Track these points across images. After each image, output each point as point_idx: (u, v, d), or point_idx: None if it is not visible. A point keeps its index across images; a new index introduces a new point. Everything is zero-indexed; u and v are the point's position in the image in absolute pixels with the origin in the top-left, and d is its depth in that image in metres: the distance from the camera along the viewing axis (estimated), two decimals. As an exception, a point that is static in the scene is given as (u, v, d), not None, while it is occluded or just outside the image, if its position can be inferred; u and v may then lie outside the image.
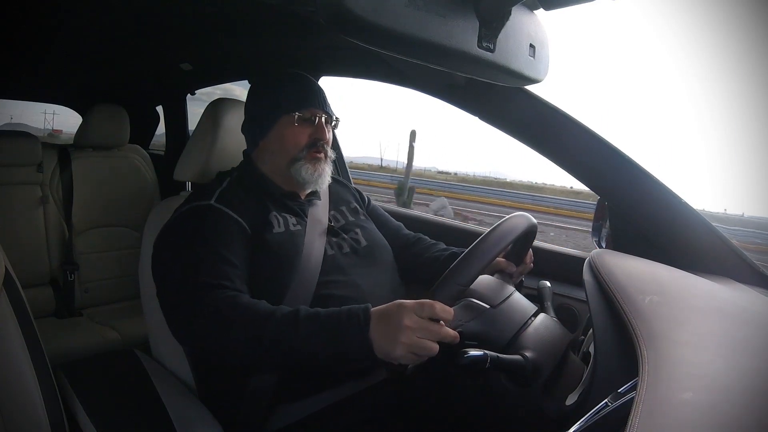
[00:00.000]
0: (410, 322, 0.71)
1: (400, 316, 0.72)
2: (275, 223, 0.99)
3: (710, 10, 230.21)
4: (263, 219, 0.99)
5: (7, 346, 0.77)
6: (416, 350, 0.71)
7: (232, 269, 0.88)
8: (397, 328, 0.71)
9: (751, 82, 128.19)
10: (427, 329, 0.71)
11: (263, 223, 0.98)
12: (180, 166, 1.22)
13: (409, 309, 0.72)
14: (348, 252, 1.04)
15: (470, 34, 0.67)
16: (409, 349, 0.71)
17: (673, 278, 0.84)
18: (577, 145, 1.04)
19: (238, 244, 0.93)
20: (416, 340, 0.71)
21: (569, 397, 0.75)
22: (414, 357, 0.72)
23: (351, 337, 0.74)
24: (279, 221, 1.00)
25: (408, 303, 0.73)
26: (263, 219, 0.99)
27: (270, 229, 0.98)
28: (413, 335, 0.71)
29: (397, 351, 0.71)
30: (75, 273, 1.95)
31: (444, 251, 1.17)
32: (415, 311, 0.72)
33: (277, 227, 0.99)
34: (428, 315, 0.72)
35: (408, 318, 0.71)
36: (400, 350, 0.71)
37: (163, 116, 2.39)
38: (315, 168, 1.04)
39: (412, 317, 0.71)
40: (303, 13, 0.99)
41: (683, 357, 0.54)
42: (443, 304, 0.73)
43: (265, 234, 0.96)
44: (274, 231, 0.98)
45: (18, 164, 1.87)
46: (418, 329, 0.71)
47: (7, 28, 1.33)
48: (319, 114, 1.05)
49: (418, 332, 0.71)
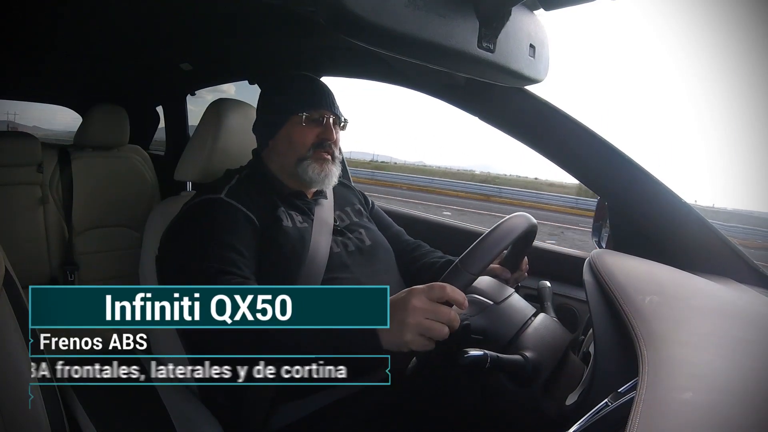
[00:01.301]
0: (419, 303, 0.70)
1: (409, 298, 0.71)
2: (284, 218, 1.01)
3: (710, 10, 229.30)
4: (272, 214, 1.01)
5: (7, 346, 0.77)
6: (425, 332, 0.70)
7: (240, 258, 0.89)
8: (405, 311, 0.70)
9: (751, 82, 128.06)
10: (437, 311, 0.70)
11: (272, 218, 1.00)
12: (181, 166, 1.22)
13: (419, 291, 0.71)
14: (353, 250, 1.05)
15: (470, 34, 0.67)
16: (418, 331, 0.70)
17: (673, 278, 0.84)
18: (577, 145, 1.05)
19: (247, 235, 0.95)
20: (425, 322, 0.70)
21: (569, 397, 0.75)
22: (423, 341, 0.70)
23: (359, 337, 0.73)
24: (287, 217, 1.02)
25: (418, 286, 0.72)
26: (272, 214, 1.01)
27: (279, 224, 0.99)
28: (422, 317, 0.70)
29: (406, 335, 0.70)
30: (75, 273, 1.95)
31: (440, 258, 1.18)
32: (425, 293, 0.71)
33: (286, 222, 1.01)
34: (438, 297, 0.71)
35: (417, 299, 0.70)
36: (409, 334, 0.70)
37: (163, 116, 2.39)
38: (321, 168, 1.06)
39: (422, 298, 0.71)
40: (303, 13, 0.99)
41: (683, 357, 0.54)
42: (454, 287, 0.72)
43: (275, 228, 0.98)
44: (283, 225, 1.00)
45: (18, 164, 1.87)
46: (428, 311, 0.70)
47: (7, 28, 1.33)
48: (327, 115, 1.07)
49: (427, 314, 0.70)
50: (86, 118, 1.99)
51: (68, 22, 1.35)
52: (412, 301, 0.70)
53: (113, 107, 2.01)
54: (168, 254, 0.96)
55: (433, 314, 0.70)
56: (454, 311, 0.71)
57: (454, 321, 0.71)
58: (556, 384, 0.79)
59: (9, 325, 0.78)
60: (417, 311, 0.70)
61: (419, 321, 0.70)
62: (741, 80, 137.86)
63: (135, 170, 2.10)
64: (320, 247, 1.00)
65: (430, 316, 0.70)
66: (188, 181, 1.23)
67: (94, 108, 1.98)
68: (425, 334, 0.70)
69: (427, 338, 0.70)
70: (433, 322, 0.70)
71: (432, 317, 0.70)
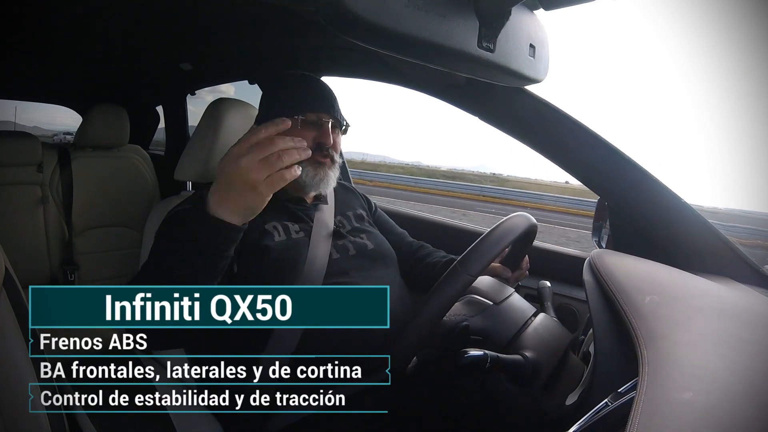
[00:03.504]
0: (236, 150, 0.69)
1: (227, 158, 0.70)
2: (275, 233, 0.99)
3: (710, 10, 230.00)
4: (259, 229, 0.98)
5: (7, 346, 0.77)
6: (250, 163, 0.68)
7: None
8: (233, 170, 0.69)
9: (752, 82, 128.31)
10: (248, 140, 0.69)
11: (259, 232, 0.98)
12: (181, 165, 1.22)
13: (232, 148, 0.71)
14: (354, 254, 1.04)
15: (470, 34, 0.67)
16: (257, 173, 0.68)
17: (673, 278, 0.84)
18: (577, 145, 1.04)
19: None
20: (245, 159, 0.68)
21: (569, 397, 0.75)
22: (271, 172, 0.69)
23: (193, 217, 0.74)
24: (279, 230, 1.00)
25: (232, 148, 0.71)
26: (259, 229, 0.98)
27: (271, 239, 0.98)
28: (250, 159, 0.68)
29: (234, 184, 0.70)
30: (75, 273, 1.95)
31: (442, 257, 1.17)
32: (238, 145, 0.70)
33: (277, 236, 0.99)
34: (252, 141, 0.69)
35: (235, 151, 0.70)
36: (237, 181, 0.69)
37: (163, 116, 2.39)
38: (316, 172, 1.03)
39: (236, 148, 0.70)
40: (303, 13, 0.99)
41: (683, 357, 0.54)
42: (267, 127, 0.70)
43: (264, 242, 0.97)
44: (275, 240, 0.98)
45: (18, 164, 1.87)
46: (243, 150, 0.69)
47: (7, 27, 1.33)
48: (325, 118, 1.04)
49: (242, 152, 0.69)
50: (86, 118, 1.99)
51: (68, 22, 1.35)
52: (232, 154, 0.69)
53: (113, 107, 2.01)
54: None
55: (248, 149, 0.69)
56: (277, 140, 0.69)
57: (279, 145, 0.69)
58: (556, 384, 0.79)
59: (9, 325, 0.78)
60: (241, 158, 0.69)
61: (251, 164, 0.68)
62: (741, 80, 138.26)
63: (135, 170, 2.10)
64: (318, 255, 0.99)
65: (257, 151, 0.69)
66: (188, 180, 1.23)
67: (94, 108, 1.98)
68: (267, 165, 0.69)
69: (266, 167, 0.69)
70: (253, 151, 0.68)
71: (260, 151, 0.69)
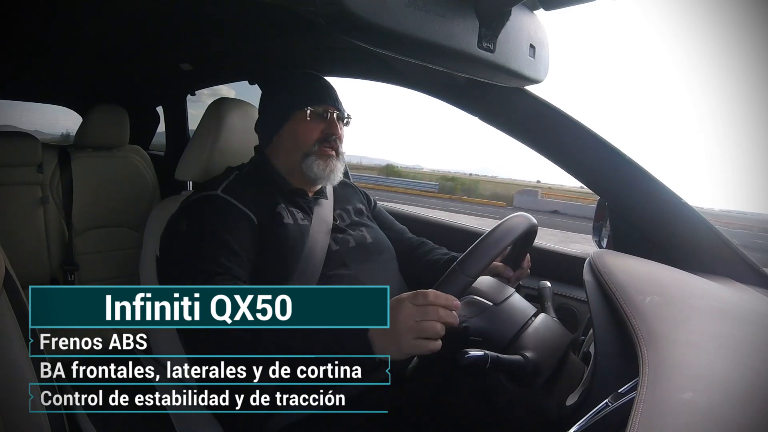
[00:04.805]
0: (406, 310, 0.73)
1: (396, 308, 0.74)
2: (285, 215, 1.01)
3: (711, 10, 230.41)
4: (271, 211, 1.01)
5: (7, 346, 0.77)
6: (421, 333, 0.72)
7: (233, 257, 0.90)
8: (395, 320, 0.73)
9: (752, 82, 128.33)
10: (425, 312, 0.73)
11: (271, 214, 1.00)
12: (181, 165, 1.22)
13: (404, 299, 0.74)
14: (353, 246, 1.06)
15: (470, 34, 0.67)
16: (413, 335, 0.72)
17: (673, 278, 0.84)
18: (577, 145, 1.04)
19: (243, 233, 0.95)
20: (417, 324, 0.72)
21: (569, 397, 0.75)
22: (423, 343, 0.73)
23: (351, 340, 0.75)
24: (288, 214, 1.02)
25: (403, 295, 0.75)
26: (271, 211, 1.01)
27: (280, 220, 1.00)
28: (411, 320, 0.72)
29: (402, 342, 0.73)
30: (75, 273, 1.95)
31: (444, 255, 1.17)
32: (410, 300, 0.74)
33: (287, 219, 1.01)
34: (422, 302, 0.73)
35: (403, 307, 0.73)
36: (405, 340, 0.73)
37: (163, 116, 2.39)
38: (326, 164, 1.06)
39: (407, 305, 0.73)
40: (303, 13, 0.99)
41: (683, 357, 0.54)
42: (438, 291, 0.75)
43: (275, 225, 0.99)
44: (284, 222, 1.00)
45: (18, 164, 1.87)
46: (416, 314, 0.73)
47: (7, 27, 1.33)
48: (331, 110, 1.08)
49: (416, 317, 0.73)
50: (86, 119, 1.99)
51: (68, 22, 1.35)
52: (402, 310, 0.73)
53: (113, 107, 2.01)
54: (166, 253, 0.96)
55: (422, 315, 0.73)
56: (442, 309, 0.73)
57: (445, 318, 0.73)
58: (557, 384, 0.79)
59: (9, 325, 0.78)
60: (407, 318, 0.73)
61: (411, 325, 0.72)
62: (741, 80, 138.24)
63: (135, 170, 2.10)
64: (318, 246, 1.01)
65: (419, 317, 0.73)
66: (189, 180, 1.23)
67: (94, 108, 1.98)
68: (421, 336, 0.73)
69: (424, 339, 0.73)
70: (424, 322, 0.73)
71: (421, 318, 0.73)
